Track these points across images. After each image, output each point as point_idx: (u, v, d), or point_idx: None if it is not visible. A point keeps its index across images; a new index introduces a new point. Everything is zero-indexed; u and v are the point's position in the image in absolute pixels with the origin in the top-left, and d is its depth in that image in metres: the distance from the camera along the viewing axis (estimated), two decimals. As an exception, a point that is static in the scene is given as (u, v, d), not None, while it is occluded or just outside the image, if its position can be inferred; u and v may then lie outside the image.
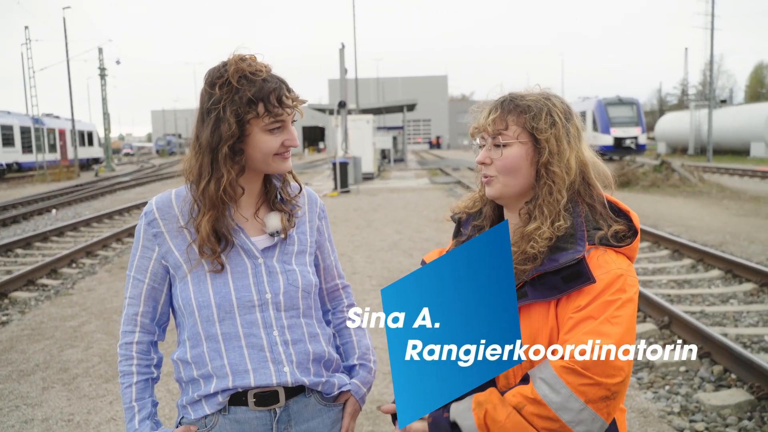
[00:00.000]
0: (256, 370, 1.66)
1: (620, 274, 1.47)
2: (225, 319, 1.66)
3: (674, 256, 9.36)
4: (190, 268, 1.67)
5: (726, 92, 67.88)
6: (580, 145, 1.61)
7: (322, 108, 39.19)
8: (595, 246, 1.52)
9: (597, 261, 1.49)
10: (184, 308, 1.69)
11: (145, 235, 1.71)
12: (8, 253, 10.93)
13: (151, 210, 1.70)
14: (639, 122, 35.49)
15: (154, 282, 1.72)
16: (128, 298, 1.74)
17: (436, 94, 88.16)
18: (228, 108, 1.57)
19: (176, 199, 1.72)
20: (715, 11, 35.17)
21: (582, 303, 1.46)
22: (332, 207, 16.38)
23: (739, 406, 4.37)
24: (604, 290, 1.46)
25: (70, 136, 43.26)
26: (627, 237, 1.55)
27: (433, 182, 24.34)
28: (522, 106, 1.57)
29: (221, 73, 1.60)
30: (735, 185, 20.24)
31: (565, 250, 1.49)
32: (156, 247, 1.70)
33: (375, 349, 5.40)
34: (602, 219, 1.58)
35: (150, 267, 1.71)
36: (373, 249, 10.30)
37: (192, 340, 1.69)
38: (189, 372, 1.70)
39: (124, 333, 1.74)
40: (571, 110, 1.63)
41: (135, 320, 1.73)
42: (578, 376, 1.38)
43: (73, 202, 19.84)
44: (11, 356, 5.75)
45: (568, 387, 1.39)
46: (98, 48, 40.61)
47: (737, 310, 6.61)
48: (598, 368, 1.38)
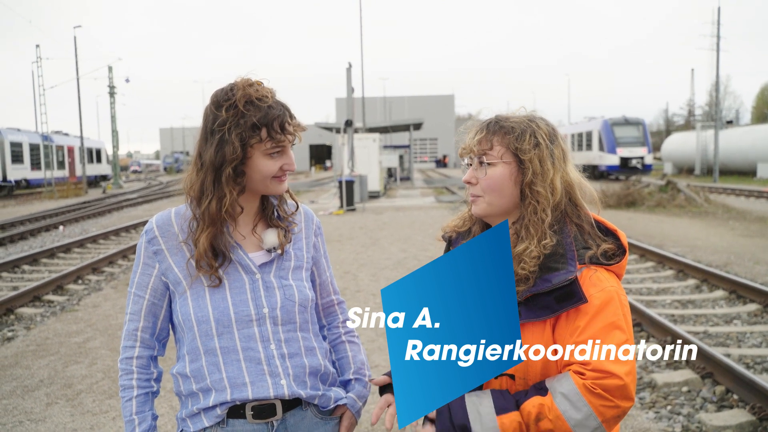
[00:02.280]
0: (253, 383, 1.69)
1: (615, 291, 1.53)
2: (223, 334, 1.70)
3: (679, 276, 9.35)
4: (189, 284, 1.72)
5: (732, 113, 67.71)
6: (565, 167, 1.65)
7: (329, 126, 39.37)
8: (586, 265, 1.56)
9: (590, 280, 1.53)
10: (184, 323, 1.73)
11: (145, 252, 1.76)
12: (15, 269, 11.01)
13: (152, 228, 1.76)
14: (645, 142, 35.52)
15: (154, 298, 1.77)
16: (129, 314, 1.78)
17: (442, 113, 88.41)
18: (233, 131, 1.63)
19: (176, 217, 1.77)
20: (721, 33, 35.34)
21: (581, 324, 1.50)
22: (338, 225, 16.43)
23: (741, 426, 4.35)
24: (601, 309, 1.50)
25: (78, 154, 43.62)
26: (616, 255, 1.60)
27: (439, 201, 24.39)
28: (506, 128, 1.63)
29: (228, 96, 1.65)
30: (741, 206, 20.18)
31: (557, 270, 1.52)
32: (156, 264, 1.75)
33: (377, 368, 5.41)
34: (590, 238, 1.62)
35: (150, 283, 1.76)
36: (378, 267, 10.32)
37: (191, 354, 1.74)
38: (188, 386, 1.74)
39: (124, 348, 1.79)
40: (555, 132, 1.67)
41: (135, 335, 1.77)
42: (601, 398, 1.45)
43: (81, 219, 19.96)
44: (16, 372, 5.79)
45: (590, 406, 1.44)
46: (108, 66, 41.04)
47: (741, 330, 6.59)
48: (619, 393, 1.45)
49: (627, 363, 1.47)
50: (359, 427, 4.41)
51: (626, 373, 1.46)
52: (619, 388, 1.44)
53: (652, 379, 5.28)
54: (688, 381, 5.16)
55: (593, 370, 1.45)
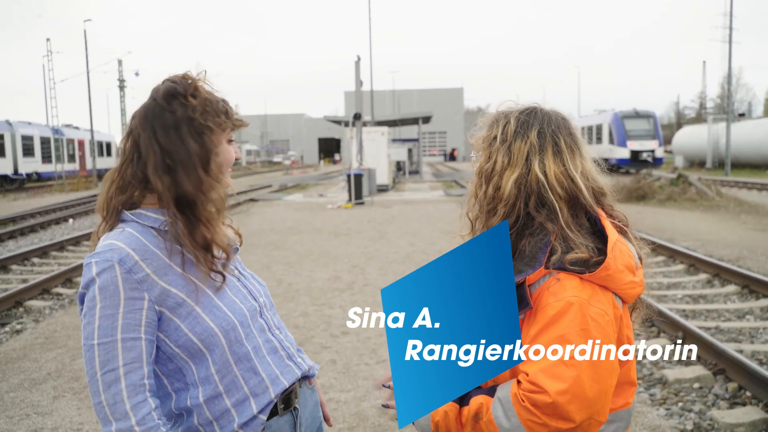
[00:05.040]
0: (283, 373, 1.68)
1: (577, 302, 1.39)
2: (249, 335, 1.63)
3: (690, 270, 9.26)
4: (196, 299, 1.54)
5: (744, 106, 67.29)
6: (533, 164, 1.53)
7: (338, 120, 39.39)
8: (554, 271, 1.44)
9: (550, 288, 1.43)
10: (202, 343, 1.53)
11: (125, 285, 1.44)
12: (25, 262, 11.06)
13: (127, 255, 1.46)
14: (656, 135, 35.25)
15: (150, 335, 1.48)
16: (124, 366, 1.43)
17: (451, 106, 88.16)
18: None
19: (146, 237, 1.53)
20: (733, 24, 34.97)
21: (531, 332, 1.42)
22: (346, 219, 16.40)
23: (753, 424, 4.29)
24: (554, 320, 1.39)
25: (88, 147, 43.80)
26: (593, 265, 1.44)
27: (448, 195, 24.30)
28: (482, 123, 1.66)
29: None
30: (753, 199, 19.99)
31: (520, 272, 1.45)
32: (145, 294, 1.47)
33: (385, 362, 5.38)
34: (573, 243, 1.47)
35: (143, 319, 1.47)
36: (386, 261, 10.29)
37: (221, 372, 1.56)
38: (217, 407, 1.55)
39: (135, 407, 1.43)
40: (529, 127, 1.56)
41: (143, 386, 1.46)
42: (528, 413, 1.38)
43: (90, 212, 20.02)
44: (24, 364, 5.80)
45: (518, 418, 1.39)
46: (118, 60, 41.27)
47: (753, 326, 6.51)
48: (549, 410, 1.36)
49: (565, 380, 1.35)
50: (361, 423, 4.38)
51: (559, 392, 1.34)
52: (548, 405, 1.35)
53: (662, 375, 5.22)
54: (700, 377, 5.09)
55: (529, 382, 1.38)
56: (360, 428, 4.29)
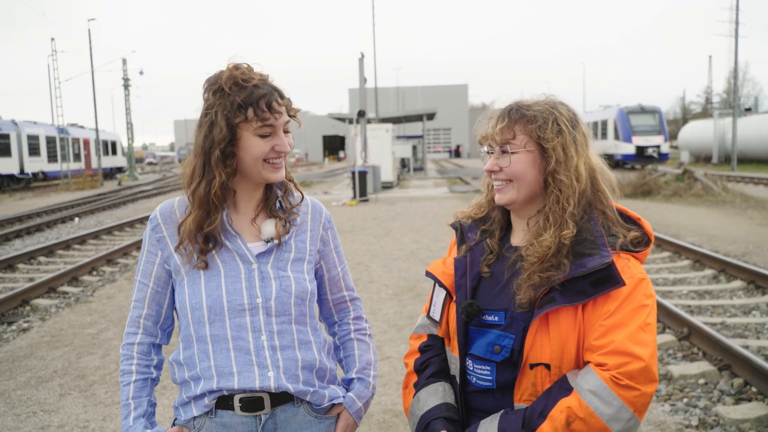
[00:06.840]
0: (240, 373, 1.67)
1: (643, 278, 1.55)
2: (215, 321, 1.68)
3: (695, 266, 9.22)
4: (187, 271, 1.72)
5: (751, 100, 66.81)
6: (587, 152, 1.65)
7: (342, 117, 39.32)
8: (617, 252, 1.56)
9: (622, 266, 1.53)
10: (180, 310, 1.75)
11: (149, 240, 1.77)
12: (31, 260, 11.10)
13: (155, 216, 1.77)
14: (661, 131, 35.11)
15: (157, 286, 1.77)
16: (134, 301, 1.80)
17: (456, 103, 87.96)
18: (219, 113, 1.63)
19: (179, 206, 1.78)
20: (739, 19, 34.77)
21: (611, 308, 1.50)
22: (351, 216, 16.40)
23: (759, 420, 4.27)
24: (630, 295, 1.51)
25: (94, 146, 43.94)
26: (641, 243, 1.61)
27: (453, 191, 24.28)
28: (528, 116, 1.62)
29: (215, 80, 1.66)
30: (760, 195, 19.90)
31: (590, 256, 1.53)
32: (159, 252, 1.75)
33: (389, 359, 5.38)
34: (614, 225, 1.62)
35: (154, 271, 1.77)
36: (390, 258, 10.29)
37: (185, 341, 1.74)
38: (182, 373, 1.74)
39: (127, 334, 1.80)
40: (577, 118, 1.66)
41: (138, 322, 1.79)
42: (629, 389, 1.45)
43: (96, 211, 20.11)
44: (30, 362, 5.83)
45: (620, 399, 1.45)
46: (122, 59, 41.30)
47: (759, 321, 6.49)
48: (643, 377, 1.46)
49: (648, 344, 1.48)
50: (366, 420, 4.38)
51: (650, 355, 1.47)
52: (641, 371, 1.45)
53: (668, 371, 5.20)
54: (705, 373, 5.08)
55: (618, 354, 1.46)
56: (365, 426, 4.29)
